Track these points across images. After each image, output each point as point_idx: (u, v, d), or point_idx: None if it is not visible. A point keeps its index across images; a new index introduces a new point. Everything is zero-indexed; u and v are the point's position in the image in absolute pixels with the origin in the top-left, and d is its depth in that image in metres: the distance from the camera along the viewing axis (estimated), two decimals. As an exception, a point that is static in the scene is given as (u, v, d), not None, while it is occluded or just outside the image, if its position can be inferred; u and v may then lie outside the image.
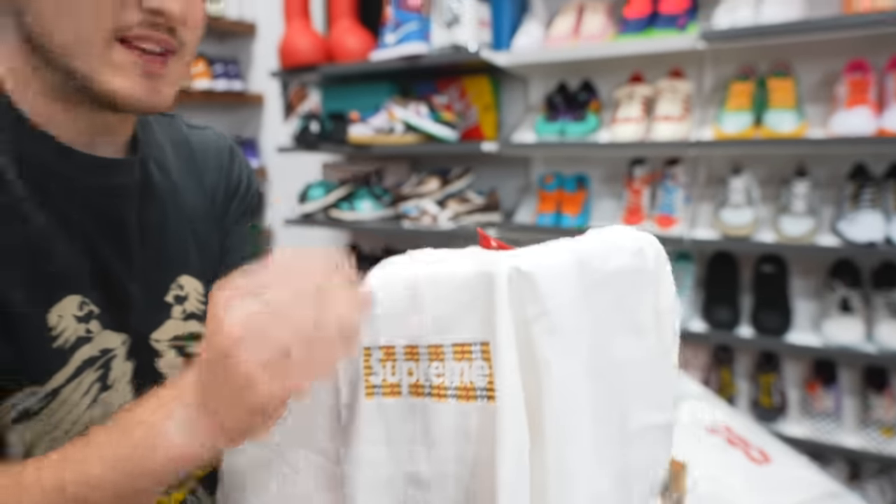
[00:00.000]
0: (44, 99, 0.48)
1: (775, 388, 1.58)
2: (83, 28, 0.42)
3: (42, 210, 0.48)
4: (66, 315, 0.50)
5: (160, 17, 0.43)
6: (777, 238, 1.46)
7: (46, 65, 0.45)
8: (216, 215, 0.65)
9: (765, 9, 1.40)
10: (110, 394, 0.53)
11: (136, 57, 0.45)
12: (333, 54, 1.93)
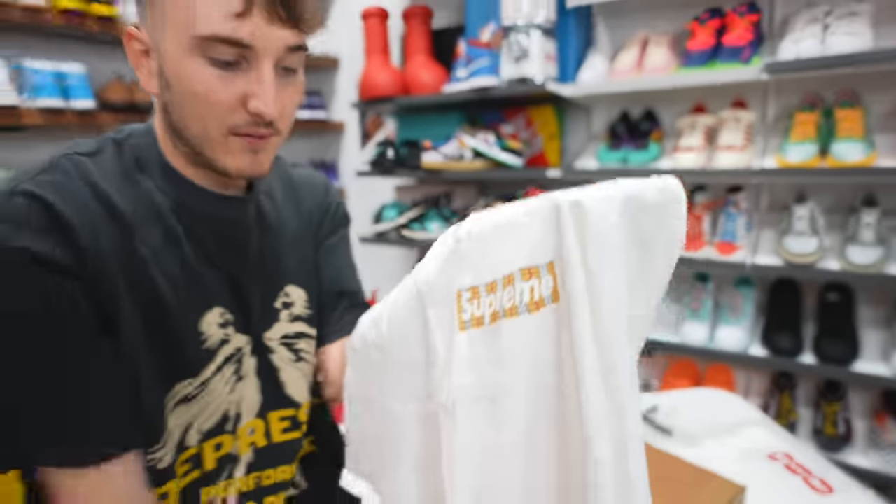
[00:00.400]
0: (184, 161, 0.57)
1: (840, 418, 1.47)
2: (207, 128, 0.53)
3: (189, 240, 0.57)
4: (212, 323, 0.60)
5: (260, 118, 0.52)
6: (844, 267, 1.36)
7: (184, 145, 0.55)
8: (313, 235, 0.73)
9: (831, 39, 1.32)
10: (244, 383, 0.63)
11: (243, 141, 0.54)
12: (409, 87, 1.98)
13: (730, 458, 0.98)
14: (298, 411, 0.69)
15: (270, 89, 0.51)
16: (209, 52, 0.49)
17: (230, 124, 0.53)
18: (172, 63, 0.51)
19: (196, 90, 0.50)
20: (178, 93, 0.52)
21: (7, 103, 1.52)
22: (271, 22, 0.49)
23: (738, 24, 1.45)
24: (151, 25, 0.52)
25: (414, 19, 1.97)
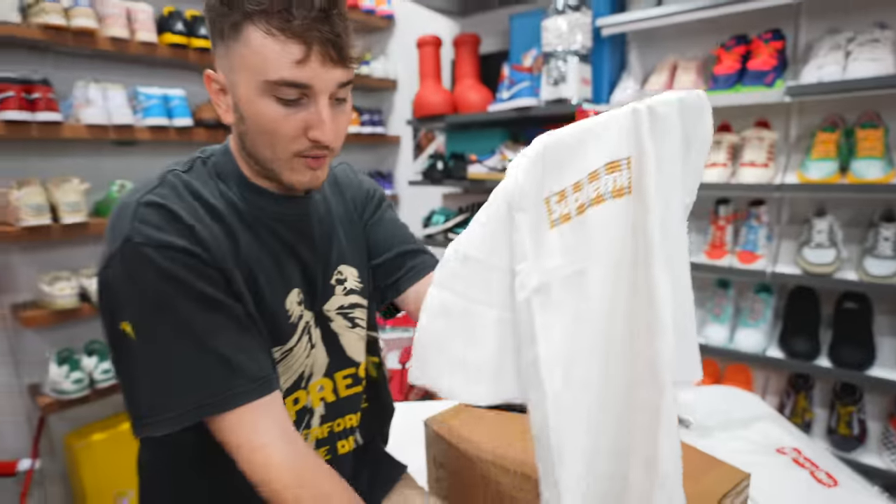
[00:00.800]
0: (255, 173, 0.66)
1: (854, 419, 1.45)
2: (275, 153, 0.61)
3: (272, 236, 0.67)
4: (293, 302, 0.68)
5: (319, 144, 0.60)
6: (861, 277, 1.35)
7: (255, 164, 0.64)
8: (358, 218, 0.81)
9: (853, 66, 1.32)
10: (316, 349, 0.72)
11: (305, 162, 0.63)
12: (457, 106, 2.06)
13: (740, 451, 1.01)
14: (358, 369, 0.77)
15: (328, 121, 0.59)
16: (276, 92, 0.57)
17: (294, 150, 0.61)
18: (246, 102, 0.58)
19: (266, 124, 0.58)
20: (251, 125, 0.60)
21: (124, 122, 1.70)
22: (325, 65, 0.57)
23: (762, 51, 1.46)
24: (227, 70, 0.59)
25: (463, 46, 2.05)
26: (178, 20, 1.79)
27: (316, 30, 0.55)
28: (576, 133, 0.49)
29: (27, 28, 1.50)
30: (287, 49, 0.55)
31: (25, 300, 1.72)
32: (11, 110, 1.48)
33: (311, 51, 0.55)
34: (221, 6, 0.56)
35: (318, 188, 0.68)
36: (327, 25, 0.55)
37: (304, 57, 0.55)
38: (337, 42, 0.57)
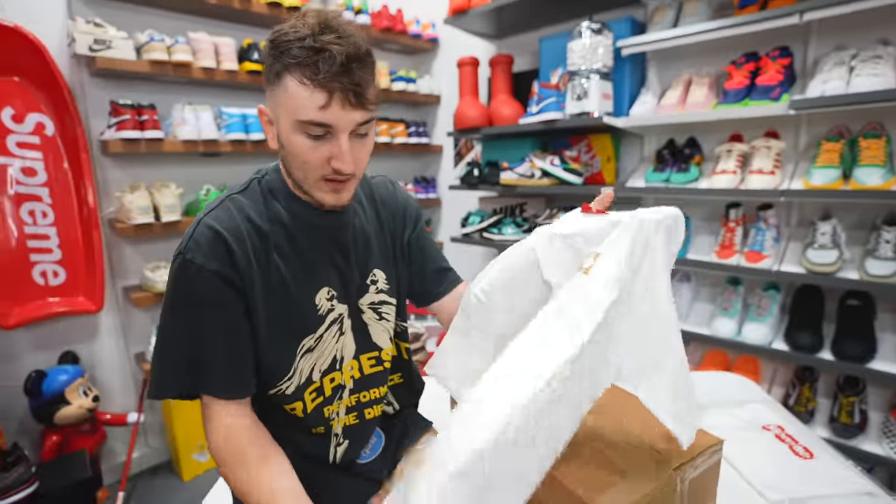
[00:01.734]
0: (299, 191, 0.76)
1: (856, 409, 1.45)
2: (305, 176, 0.71)
3: (305, 241, 0.77)
4: (322, 297, 0.79)
5: (339, 173, 0.70)
6: (862, 277, 1.36)
7: (291, 179, 0.74)
8: (392, 230, 0.90)
9: (856, 80, 1.32)
10: (345, 336, 0.81)
11: (330, 185, 0.72)
12: (493, 119, 2.16)
13: (729, 426, 1.07)
14: (381, 353, 0.86)
15: (347, 154, 0.68)
16: (305, 130, 0.66)
17: (320, 175, 0.70)
18: (284, 134, 0.68)
19: (298, 154, 0.68)
20: (288, 153, 0.70)
21: (211, 137, 1.90)
22: (344, 108, 0.65)
23: (770, 67, 1.48)
24: (273, 107, 0.69)
25: (498, 66, 2.15)
26: (254, 50, 1.99)
27: (338, 81, 0.63)
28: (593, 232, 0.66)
29: (140, 63, 1.72)
30: (314, 96, 0.64)
31: (133, 284, 1.96)
32: (127, 130, 1.70)
33: (333, 98, 0.64)
34: (270, 57, 0.67)
35: (344, 206, 0.76)
36: (347, 77, 0.64)
37: (327, 103, 0.64)
38: (356, 90, 0.65)
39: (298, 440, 0.80)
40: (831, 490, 0.86)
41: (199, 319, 0.69)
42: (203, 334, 0.70)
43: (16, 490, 1.35)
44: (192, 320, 0.69)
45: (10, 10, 1.62)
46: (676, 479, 0.73)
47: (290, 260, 0.75)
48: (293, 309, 0.75)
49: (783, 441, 0.99)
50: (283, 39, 0.65)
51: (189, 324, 0.70)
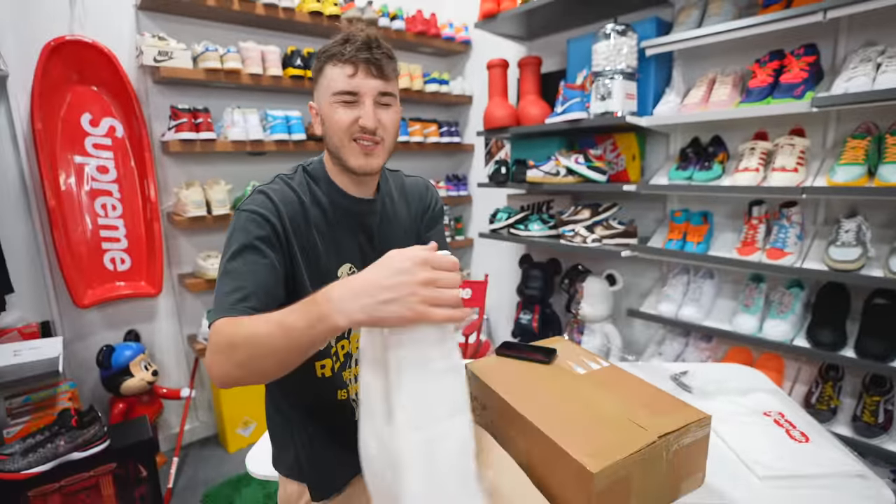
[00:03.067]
0: (337, 172, 0.90)
1: (880, 408, 1.45)
2: (340, 139, 0.84)
3: (336, 221, 0.90)
4: (344, 271, 0.91)
5: (365, 128, 0.83)
6: (886, 274, 1.36)
7: (333, 156, 0.87)
8: (417, 223, 1.02)
9: (882, 76, 1.33)
10: None
11: (359, 146, 0.84)
12: (521, 119, 2.24)
13: (730, 412, 1.12)
14: None
15: (370, 113, 0.83)
16: (340, 99, 0.82)
17: (350, 136, 0.83)
18: (324, 112, 0.85)
19: (333, 121, 0.83)
20: (327, 124, 0.85)
21: (257, 138, 2.09)
22: (367, 78, 0.82)
23: (794, 65, 1.50)
24: (318, 97, 0.87)
25: (527, 67, 2.23)
26: (297, 57, 2.16)
27: (361, 56, 0.81)
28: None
29: (196, 71, 1.92)
30: (343, 70, 0.82)
31: (187, 272, 2.18)
32: (185, 132, 1.91)
33: (358, 69, 0.82)
34: (316, 63, 0.87)
35: (373, 172, 0.88)
36: (368, 53, 0.82)
37: (353, 73, 0.82)
38: (376, 64, 0.82)
39: (329, 407, 0.92)
40: (821, 470, 0.90)
41: (246, 254, 0.78)
42: (247, 267, 0.77)
43: (92, 444, 1.57)
44: (241, 255, 0.78)
45: (88, 26, 1.86)
46: (662, 445, 0.81)
47: (324, 235, 0.87)
48: (320, 276, 0.86)
49: (781, 426, 1.03)
50: (322, 49, 0.86)
51: (238, 258, 0.78)
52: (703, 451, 0.89)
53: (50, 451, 1.52)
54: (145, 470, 1.71)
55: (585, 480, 0.76)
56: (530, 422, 0.88)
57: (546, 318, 2.37)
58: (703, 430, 0.87)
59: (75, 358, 1.96)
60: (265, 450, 1.09)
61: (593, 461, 0.76)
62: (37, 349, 1.67)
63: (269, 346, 0.63)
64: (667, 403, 0.93)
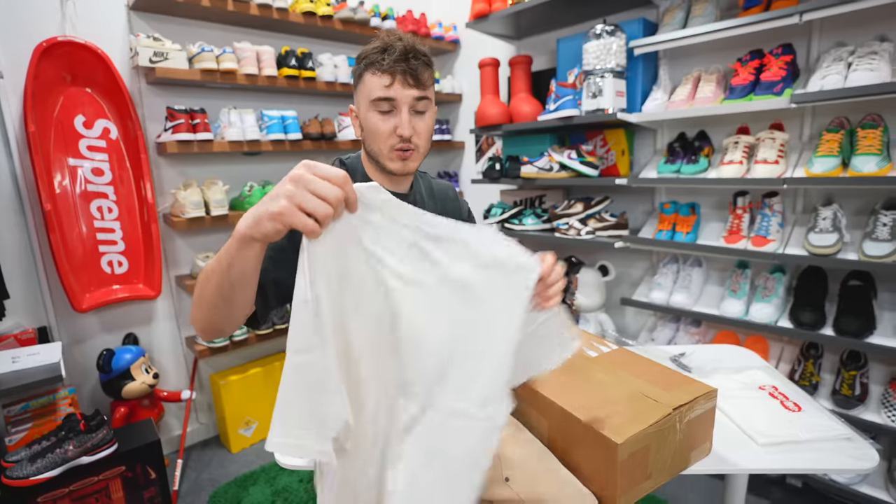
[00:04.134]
0: (374, 170, 0.96)
1: (857, 382, 1.58)
2: (380, 147, 0.92)
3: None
4: None
5: (402, 137, 0.89)
6: (860, 257, 1.48)
7: (371, 158, 0.94)
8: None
9: (853, 74, 1.44)
10: None
11: (397, 153, 0.91)
12: (513, 116, 2.31)
13: (729, 387, 1.21)
14: None
15: (406, 122, 0.89)
16: (377, 107, 0.89)
17: (389, 145, 0.90)
18: (363, 116, 0.92)
19: (372, 127, 0.90)
20: (366, 130, 0.92)
21: (254, 137, 2.10)
22: (404, 87, 0.87)
23: (773, 64, 1.61)
24: (358, 102, 0.93)
25: (518, 65, 2.30)
26: (292, 57, 2.18)
27: (398, 66, 0.86)
28: None
29: (192, 72, 1.92)
30: (381, 79, 0.87)
31: (185, 273, 2.18)
32: (182, 132, 1.91)
33: (395, 79, 0.87)
34: (355, 69, 0.93)
35: (409, 174, 0.95)
36: (405, 63, 0.87)
37: (391, 83, 0.87)
38: (413, 73, 0.87)
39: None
40: (814, 435, 1.00)
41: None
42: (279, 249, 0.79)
43: (102, 448, 1.57)
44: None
45: (80, 27, 1.84)
46: (676, 417, 0.89)
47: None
48: None
49: (775, 398, 1.13)
50: (362, 54, 0.91)
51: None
52: (711, 422, 0.97)
53: (59, 456, 1.52)
54: (154, 472, 1.72)
55: (610, 452, 0.83)
56: (553, 402, 0.95)
57: (540, 310, 2.45)
58: (710, 403, 0.96)
59: (73, 363, 1.94)
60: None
61: (616, 434, 0.84)
62: (36, 355, 1.66)
63: (206, 274, 0.68)
64: (676, 380, 1.01)
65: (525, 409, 1.04)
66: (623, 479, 0.84)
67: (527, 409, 1.03)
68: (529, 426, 1.02)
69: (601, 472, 0.87)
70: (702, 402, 0.94)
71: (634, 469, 0.86)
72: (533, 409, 1.01)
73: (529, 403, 1.02)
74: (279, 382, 0.59)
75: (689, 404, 0.91)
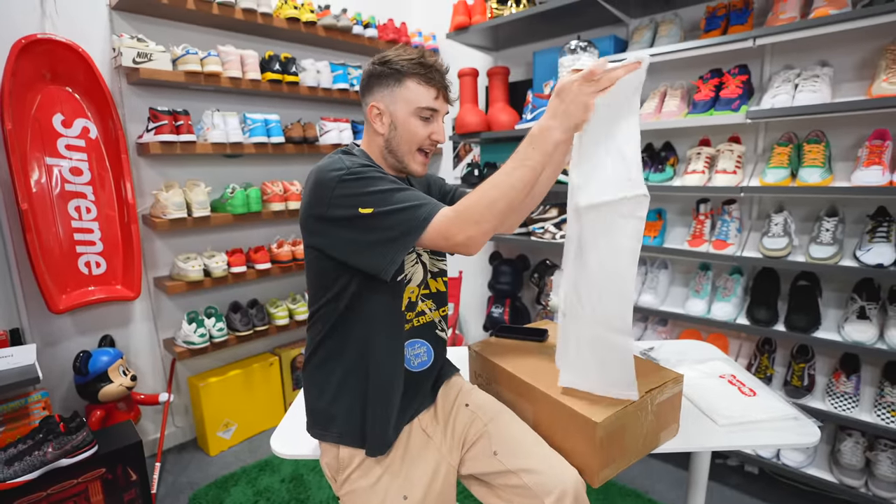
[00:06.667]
0: (386, 166, 1.04)
1: (805, 373, 1.74)
2: (410, 149, 1.02)
3: None
4: None
5: (437, 143, 1.00)
6: (807, 260, 1.63)
7: (391, 156, 1.02)
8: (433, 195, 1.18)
9: (799, 95, 1.61)
10: (416, 267, 1.07)
11: (422, 156, 1.01)
12: (491, 125, 2.41)
13: (692, 377, 1.33)
14: (437, 282, 1.12)
15: (442, 129, 1.03)
16: (420, 114, 0.99)
17: (419, 146, 1.02)
18: (400, 119, 1.00)
19: (412, 131, 1.00)
20: (401, 133, 1.00)
21: (237, 140, 2.13)
22: (444, 100, 1.02)
23: (731, 82, 1.77)
24: (389, 102, 0.99)
25: (496, 76, 2.41)
26: (275, 62, 2.22)
27: (442, 83, 1.01)
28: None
29: (176, 73, 1.94)
30: (429, 91, 0.99)
31: (163, 275, 2.18)
32: (165, 134, 1.93)
33: (440, 93, 1.00)
34: (389, 69, 0.99)
35: (423, 176, 1.08)
36: (446, 82, 1.02)
37: (437, 96, 1.00)
38: (449, 89, 1.03)
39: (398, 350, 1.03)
40: (766, 416, 1.12)
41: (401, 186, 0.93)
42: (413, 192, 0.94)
43: (82, 450, 1.56)
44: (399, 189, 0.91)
45: (60, 25, 1.84)
46: (647, 399, 1.00)
47: None
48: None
49: (733, 384, 1.26)
50: (399, 60, 0.99)
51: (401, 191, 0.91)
52: (678, 405, 1.08)
53: (37, 458, 1.51)
54: (135, 473, 1.72)
55: (590, 430, 0.93)
56: (537, 388, 1.04)
57: (516, 311, 2.56)
58: (677, 387, 1.07)
59: (46, 366, 1.91)
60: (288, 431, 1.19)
61: (595, 414, 0.93)
62: (8, 357, 1.64)
63: (522, 183, 0.90)
64: (646, 368, 1.12)
65: (512, 398, 1.13)
66: (602, 455, 0.94)
67: (514, 397, 1.12)
68: (517, 411, 1.11)
69: (582, 449, 0.96)
70: (670, 387, 1.05)
71: (612, 447, 0.96)
72: (520, 397, 1.10)
73: (517, 392, 1.11)
74: (258, 385, 0.65)
75: (660, 388, 1.02)
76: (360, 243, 0.90)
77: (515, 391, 1.12)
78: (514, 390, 1.13)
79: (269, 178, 2.39)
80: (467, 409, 1.10)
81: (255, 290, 2.48)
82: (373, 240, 0.89)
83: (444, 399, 1.14)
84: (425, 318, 1.11)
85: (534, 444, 1.00)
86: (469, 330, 3.03)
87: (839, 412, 1.62)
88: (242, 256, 2.22)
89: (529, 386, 1.07)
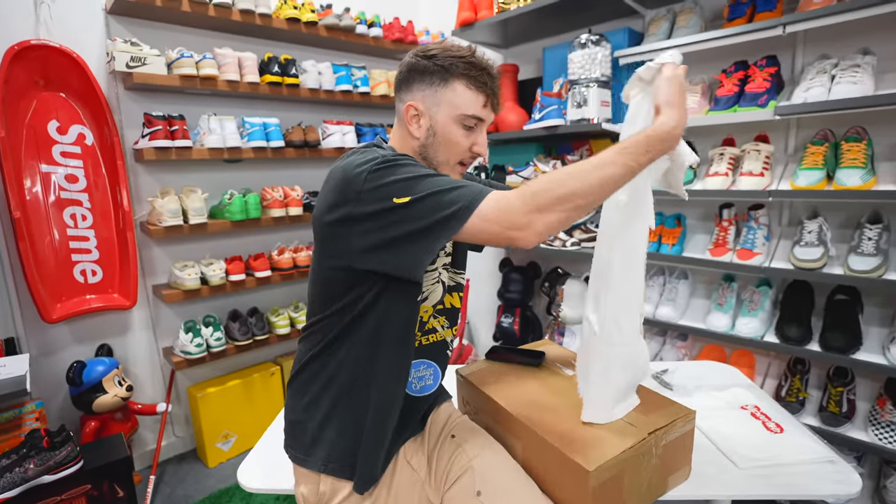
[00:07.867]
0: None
1: (844, 398, 1.55)
2: (448, 159, 0.90)
3: None
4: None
5: (479, 155, 0.90)
6: (845, 272, 1.45)
7: (424, 161, 0.90)
8: None
9: (836, 87, 1.43)
10: (436, 285, 0.99)
11: (460, 167, 0.92)
12: (499, 126, 2.28)
13: (711, 406, 1.18)
14: (452, 297, 1.03)
15: (485, 142, 0.90)
16: (464, 122, 0.87)
17: (460, 158, 0.90)
18: (441, 124, 0.87)
19: (453, 140, 0.87)
20: (440, 139, 0.88)
21: (234, 145, 2.06)
22: (491, 111, 0.89)
23: (758, 75, 1.59)
24: (431, 104, 0.87)
25: (504, 74, 2.28)
26: (274, 64, 2.14)
27: (492, 89, 0.88)
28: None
29: (171, 77, 1.89)
30: (478, 97, 0.86)
31: (161, 283, 2.13)
32: (160, 139, 1.87)
33: (489, 100, 0.88)
34: (435, 66, 0.86)
35: None
36: (496, 87, 0.88)
37: (486, 104, 0.88)
38: (498, 96, 0.90)
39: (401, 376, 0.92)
40: (795, 458, 0.96)
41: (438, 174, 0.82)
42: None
43: (66, 466, 1.51)
44: (434, 175, 0.79)
45: (55, 31, 1.80)
46: (652, 441, 0.85)
47: None
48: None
49: (757, 418, 1.10)
50: (446, 56, 0.86)
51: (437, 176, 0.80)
52: (689, 446, 0.94)
53: (17, 475, 1.46)
54: (122, 490, 1.66)
55: (582, 478, 0.79)
56: (526, 425, 0.92)
57: (527, 321, 2.42)
58: (688, 425, 0.92)
59: (42, 376, 1.88)
60: (258, 462, 1.09)
61: (588, 459, 0.80)
62: (1, 368, 1.60)
63: (613, 182, 0.75)
64: (653, 401, 0.98)
65: (500, 432, 1.00)
66: (596, 506, 0.80)
67: (503, 431, 0.99)
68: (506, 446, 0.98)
69: (574, 497, 0.83)
70: (679, 425, 0.91)
71: (608, 496, 0.82)
72: (508, 432, 0.98)
73: (505, 427, 0.98)
74: (259, 395, 0.55)
75: (666, 427, 0.88)
76: (390, 240, 0.76)
77: (504, 425, 0.99)
78: (502, 423, 1.00)
79: (269, 184, 2.32)
80: (453, 441, 0.98)
81: (256, 298, 2.42)
82: (405, 232, 0.75)
83: (433, 427, 1.03)
84: (436, 337, 1.00)
85: (520, 486, 0.87)
86: (479, 339, 2.90)
87: (885, 445, 1.43)
88: (242, 264, 2.16)
89: (517, 421, 0.94)
